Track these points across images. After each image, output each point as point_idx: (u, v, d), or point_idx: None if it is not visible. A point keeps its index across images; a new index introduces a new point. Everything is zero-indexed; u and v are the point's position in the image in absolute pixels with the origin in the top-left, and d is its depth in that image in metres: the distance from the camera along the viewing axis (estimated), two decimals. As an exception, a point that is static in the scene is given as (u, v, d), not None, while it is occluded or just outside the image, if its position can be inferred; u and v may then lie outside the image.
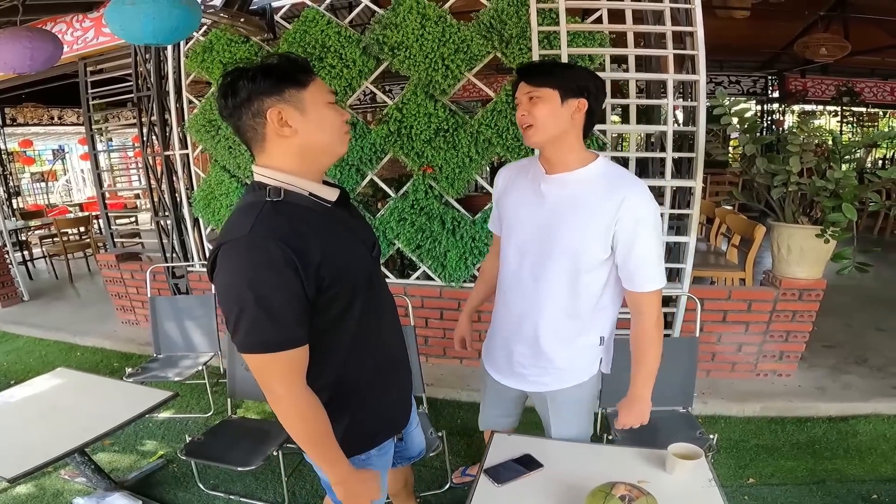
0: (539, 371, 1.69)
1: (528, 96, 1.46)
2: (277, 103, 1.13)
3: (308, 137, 1.17)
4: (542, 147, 1.52)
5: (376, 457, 1.43)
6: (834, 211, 2.80)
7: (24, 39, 2.80)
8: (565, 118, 1.46)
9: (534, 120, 1.46)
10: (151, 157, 4.16)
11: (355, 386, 1.32)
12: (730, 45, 6.84)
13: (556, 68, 1.52)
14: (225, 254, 1.09)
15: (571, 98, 1.45)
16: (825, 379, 3.23)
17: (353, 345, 1.28)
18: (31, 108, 9.18)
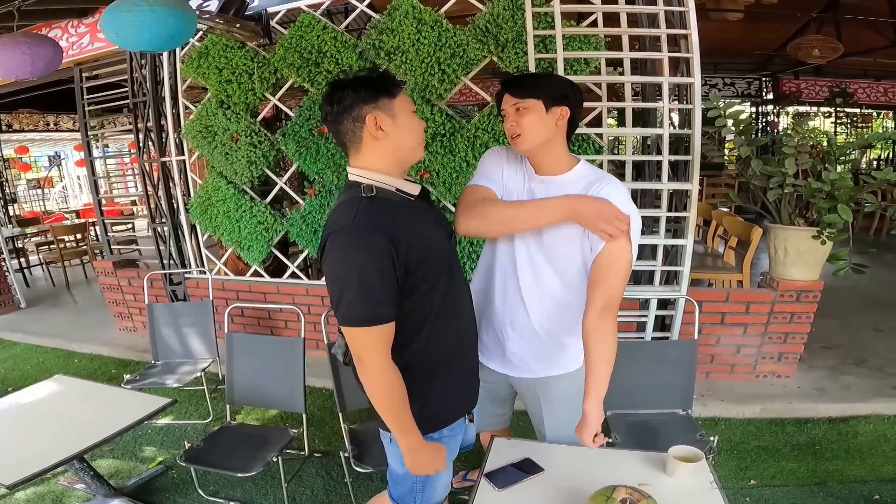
0: (531, 357, 1.72)
1: (515, 107, 1.56)
2: (374, 110, 1.30)
3: (397, 140, 1.33)
4: (532, 153, 1.61)
5: (448, 437, 1.50)
6: (830, 212, 2.81)
7: (24, 45, 2.80)
8: (551, 125, 1.56)
9: (522, 129, 1.55)
10: (148, 163, 4.15)
11: (435, 365, 1.43)
12: (724, 48, 6.88)
13: (538, 80, 1.65)
14: (332, 241, 1.26)
15: (555, 106, 1.55)
16: (824, 380, 3.24)
17: (435, 325, 1.40)
18: (26, 114, 9.17)
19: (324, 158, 3.46)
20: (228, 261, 4.13)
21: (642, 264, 3.09)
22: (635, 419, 2.36)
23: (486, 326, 1.76)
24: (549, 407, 1.77)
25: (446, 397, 1.48)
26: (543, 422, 1.79)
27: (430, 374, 1.42)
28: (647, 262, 3.08)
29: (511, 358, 1.74)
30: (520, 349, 1.71)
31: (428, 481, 1.52)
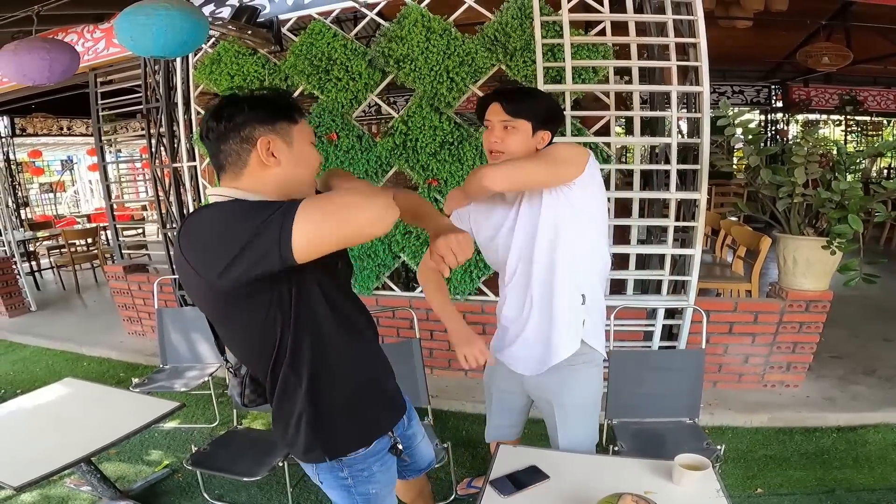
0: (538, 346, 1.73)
1: (504, 125, 1.56)
2: (269, 133, 1.19)
3: (289, 171, 1.22)
4: None
5: (379, 472, 1.45)
6: (840, 222, 2.80)
7: (43, 51, 2.83)
8: (531, 149, 1.59)
9: (506, 148, 1.57)
10: (160, 168, 4.19)
11: (332, 388, 1.34)
12: (733, 55, 6.87)
13: (531, 98, 1.61)
14: (184, 233, 1.12)
15: (541, 130, 1.58)
16: (833, 389, 3.22)
17: (323, 348, 1.30)
18: (40, 118, 9.27)
19: (332, 166, 3.48)
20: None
21: (650, 274, 3.09)
22: (641, 427, 2.36)
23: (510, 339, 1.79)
24: (562, 413, 1.77)
25: (352, 421, 1.39)
26: (556, 425, 1.80)
27: (331, 400, 1.34)
28: (655, 271, 3.08)
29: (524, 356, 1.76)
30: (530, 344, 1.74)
31: None
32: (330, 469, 1.40)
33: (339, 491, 1.44)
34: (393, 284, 3.65)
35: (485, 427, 2.04)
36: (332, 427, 1.37)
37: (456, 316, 1.82)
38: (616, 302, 2.80)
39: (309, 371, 1.29)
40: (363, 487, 1.43)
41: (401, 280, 4.01)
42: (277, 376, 1.30)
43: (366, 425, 1.43)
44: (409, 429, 1.62)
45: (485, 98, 1.62)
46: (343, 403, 1.37)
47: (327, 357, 1.32)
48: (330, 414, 1.35)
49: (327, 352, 1.32)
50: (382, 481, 1.46)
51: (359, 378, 1.42)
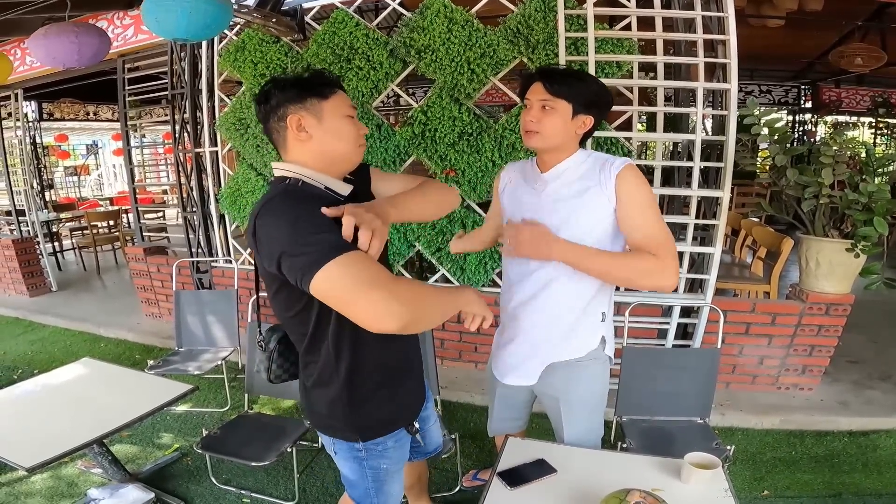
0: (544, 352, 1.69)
1: (542, 104, 1.51)
2: (299, 111, 1.27)
3: (324, 143, 1.29)
4: (540, 151, 1.60)
5: (393, 448, 1.47)
6: (865, 225, 2.74)
7: (72, 34, 2.87)
8: (570, 132, 1.53)
9: (541, 129, 1.51)
10: (182, 153, 4.24)
11: (369, 373, 1.38)
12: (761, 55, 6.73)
13: (575, 80, 1.51)
14: (262, 215, 1.18)
15: (582, 114, 1.51)
16: (848, 394, 3.17)
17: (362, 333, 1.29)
18: (67, 103, 9.42)
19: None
20: (254, 252, 4.19)
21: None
22: (651, 425, 2.34)
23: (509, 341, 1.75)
24: (568, 409, 1.74)
25: (388, 405, 1.43)
26: (562, 419, 1.76)
27: (366, 383, 1.38)
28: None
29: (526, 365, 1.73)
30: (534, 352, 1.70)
31: (381, 486, 1.50)
32: (347, 443, 1.44)
33: (350, 463, 1.48)
34: (406, 273, 3.66)
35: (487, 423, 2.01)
36: (369, 411, 1.40)
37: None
38: (631, 298, 2.78)
39: (350, 354, 1.34)
40: (375, 462, 1.46)
41: (415, 269, 4.01)
42: (317, 353, 1.35)
43: (399, 410, 1.48)
44: (424, 410, 1.65)
45: (529, 76, 1.56)
46: (381, 388, 1.41)
47: (369, 341, 1.34)
48: (368, 398, 1.39)
49: (369, 336, 1.30)
50: (394, 458, 1.49)
51: (398, 364, 1.46)
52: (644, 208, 1.48)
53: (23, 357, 4.21)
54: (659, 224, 1.48)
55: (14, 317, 5.26)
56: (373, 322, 1.05)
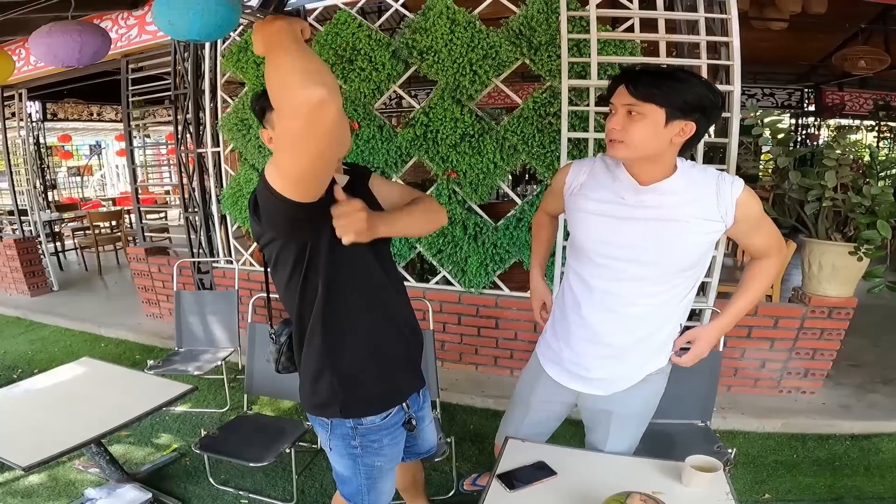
0: (617, 373, 1.60)
1: (628, 109, 1.32)
2: (266, 124, 1.38)
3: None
4: (629, 163, 1.42)
5: (389, 446, 1.48)
6: (868, 228, 2.73)
7: (75, 33, 2.86)
8: (664, 141, 1.33)
9: (627, 138, 1.33)
10: (184, 153, 4.25)
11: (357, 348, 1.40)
12: (765, 57, 6.71)
13: (668, 81, 1.30)
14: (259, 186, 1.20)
15: (678, 119, 1.30)
16: (850, 397, 3.16)
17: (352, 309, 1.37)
18: (72, 103, 9.44)
19: (353, 156, 3.48)
20: (255, 252, 4.19)
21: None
22: (652, 428, 2.26)
23: (571, 351, 1.63)
24: (619, 422, 1.66)
25: (372, 383, 1.43)
26: (610, 432, 1.67)
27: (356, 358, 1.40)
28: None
29: (594, 377, 1.61)
30: (608, 369, 1.59)
31: (374, 483, 1.52)
32: (343, 436, 1.45)
33: (345, 459, 1.49)
34: (408, 275, 3.65)
35: (494, 423, 1.97)
36: (355, 384, 1.41)
37: (539, 273, 1.88)
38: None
39: (337, 327, 1.37)
40: (370, 458, 1.47)
41: (416, 271, 4.00)
42: (304, 328, 1.39)
43: (387, 392, 1.47)
44: (421, 409, 1.65)
45: (614, 79, 1.37)
46: (369, 366, 1.42)
47: (358, 318, 1.38)
48: (354, 374, 1.41)
49: (358, 313, 1.39)
50: (389, 455, 1.51)
51: (389, 344, 1.46)
52: (763, 223, 1.46)
53: (23, 356, 4.21)
54: (773, 228, 1.49)
55: (15, 316, 5.26)
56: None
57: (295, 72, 0.94)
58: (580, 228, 1.53)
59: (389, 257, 1.53)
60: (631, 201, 1.43)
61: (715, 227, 1.40)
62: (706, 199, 1.38)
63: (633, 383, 1.61)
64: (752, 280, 1.55)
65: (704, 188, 1.39)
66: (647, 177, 1.40)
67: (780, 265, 1.55)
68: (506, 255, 3.25)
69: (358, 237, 1.20)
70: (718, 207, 1.38)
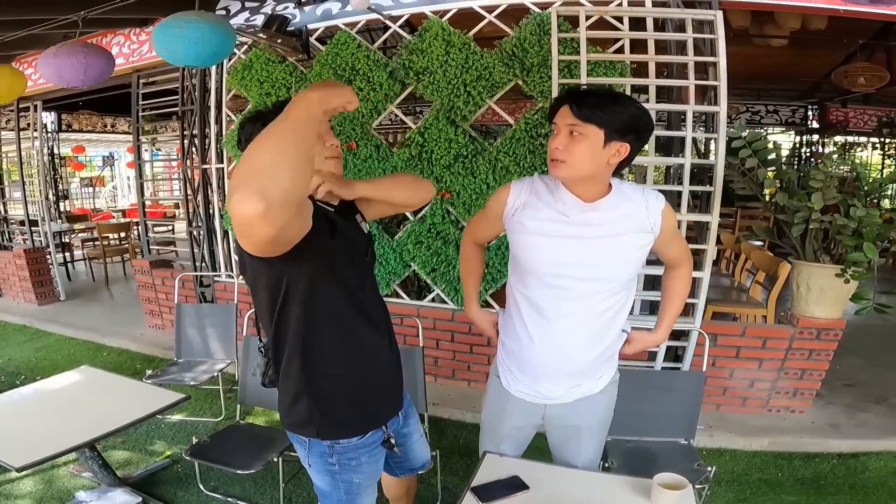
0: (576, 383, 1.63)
1: (570, 130, 1.36)
2: None
3: None
4: (569, 182, 1.45)
5: (367, 464, 1.51)
6: (855, 250, 2.75)
7: (81, 55, 2.98)
8: (601, 162, 1.38)
9: (569, 158, 1.37)
10: (190, 169, 4.35)
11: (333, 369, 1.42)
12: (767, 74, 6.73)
13: (609, 103, 1.37)
14: None
15: (615, 141, 1.35)
16: (840, 416, 3.16)
17: (328, 345, 1.39)
18: (86, 115, 9.62)
19: (350, 174, 3.56)
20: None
21: (656, 295, 3.06)
22: (635, 446, 2.35)
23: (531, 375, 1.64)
24: (588, 434, 1.72)
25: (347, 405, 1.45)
26: (580, 450, 1.73)
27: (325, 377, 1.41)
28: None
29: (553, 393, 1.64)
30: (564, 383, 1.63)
31: (353, 499, 1.53)
32: (321, 454, 1.47)
33: (324, 475, 1.51)
34: (403, 293, 3.71)
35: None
36: (333, 410, 1.43)
37: (478, 306, 1.93)
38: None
39: (312, 359, 1.39)
40: (348, 476, 1.49)
41: (414, 289, 4.06)
42: (284, 345, 1.40)
43: (366, 416, 1.49)
44: (405, 426, 1.68)
45: (557, 99, 1.42)
46: (348, 390, 1.44)
47: (336, 350, 1.40)
48: (333, 397, 1.43)
49: (334, 336, 1.40)
50: (367, 472, 1.52)
51: (368, 369, 1.48)
52: (677, 233, 1.63)
53: (26, 363, 4.31)
54: (683, 239, 1.82)
55: (21, 324, 5.38)
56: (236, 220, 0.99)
57: (256, 168, 0.94)
58: (527, 250, 1.53)
59: (373, 291, 1.55)
60: (576, 220, 1.46)
61: (648, 238, 1.50)
62: (639, 213, 1.47)
63: (595, 392, 1.65)
64: (675, 290, 1.72)
65: (636, 203, 1.47)
66: (588, 195, 1.45)
67: (690, 271, 1.71)
68: (497, 274, 3.29)
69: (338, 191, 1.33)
70: (648, 220, 1.48)
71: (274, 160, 0.94)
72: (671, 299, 1.73)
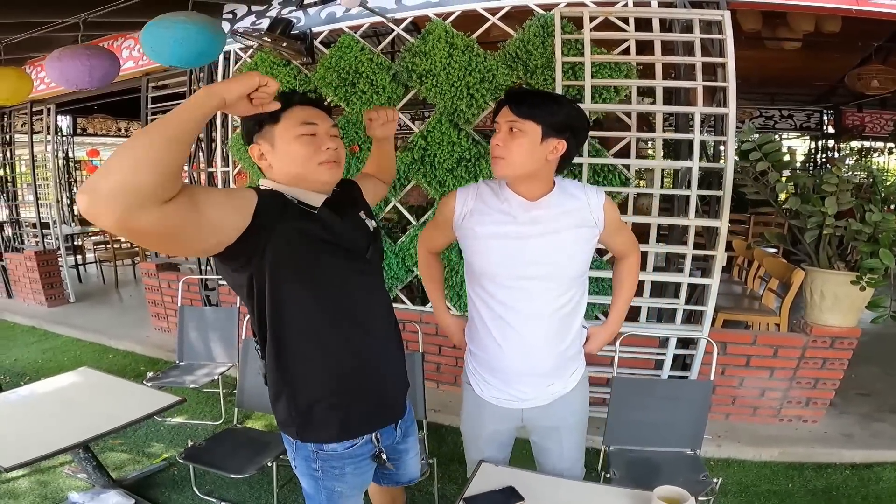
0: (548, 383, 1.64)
1: (510, 126, 1.42)
2: (258, 139, 1.33)
3: (280, 168, 1.33)
4: (510, 181, 1.50)
5: (351, 475, 1.46)
6: (871, 256, 2.67)
7: (84, 57, 3.00)
8: (539, 158, 1.43)
9: (508, 154, 1.42)
10: (196, 172, 4.36)
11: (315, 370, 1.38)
12: (781, 78, 6.63)
13: (545, 102, 1.44)
14: None
15: (552, 137, 1.41)
16: (854, 426, 3.07)
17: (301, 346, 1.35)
18: (100, 118, 9.74)
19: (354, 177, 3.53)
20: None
21: (663, 302, 3.00)
22: (638, 456, 2.28)
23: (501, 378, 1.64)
24: (569, 434, 1.73)
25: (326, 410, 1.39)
26: (563, 450, 1.73)
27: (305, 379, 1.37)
28: (670, 299, 2.99)
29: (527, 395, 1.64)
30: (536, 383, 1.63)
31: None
32: (305, 457, 1.44)
33: (307, 479, 1.49)
34: (405, 298, 3.67)
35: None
36: (308, 412, 1.39)
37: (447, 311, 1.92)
38: (625, 329, 2.71)
39: (287, 359, 1.35)
40: (330, 483, 1.46)
41: (418, 294, 4.02)
42: (265, 348, 1.37)
43: (345, 422, 1.42)
44: (403, 443, 1.62)
45: (499, 101, 1.48)
46: (323, 397, 1.39)
47: (311, 351, 1.35)
48: (308, 403, 1.38)
49: (309, 348, 1.35)
50: (351, 483, 1.48)
51: (352, 372, 1.41)
52: (622, 225, 1.68)
53: (33, 364, 4.34)
54: (630, 230, 1.75)
55: (30, 325, 5.43)
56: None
57: (116, 158, 0.93)
58: (481, 255, 1.56)
59: (368, 290, 1.47)
60: (522, 218, 1.49)
61: (593, 232, 1.56)
62: (582, 209, 1.53)
63: (568, 390, 1.67)
64: (624, 280, 1.78)
65: (578, 200, 1.53)
66: (532, 194, 1.50)
67: (638, 261, 1.78)
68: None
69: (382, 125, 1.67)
70: (591, 215, 1.54)
71: (122, 154, 0.93)
72: (620, 289, 1.78)
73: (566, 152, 1.45)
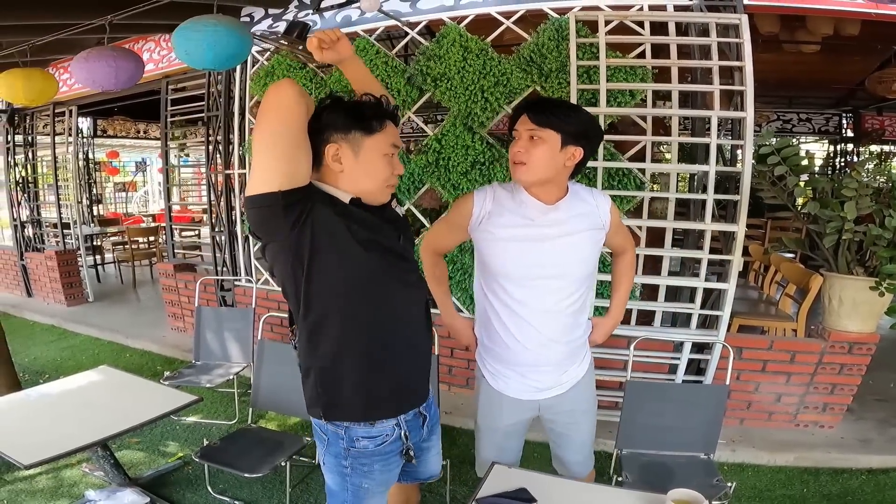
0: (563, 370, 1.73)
1: (530, 134, 1.50)
2: (340, 140, 1.32)
3: (353, 177, 1.34)
4: (530, 186, 1.57)
5: (379, 472, 1.48)
6: (891, 262, 2.63)
7: (110, 59, 3.06)
8: (558, 164, 1.52)
9: (529, 159, 1.50)
10: (214, 174, 4.41)
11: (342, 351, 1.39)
12: (798, 81, 6.56)
13: (562, 110, 1.53)
14: None
15: (570, 145, 1.50)
16: (871, 431, 3.03)
17: (350, 317, 1.37)
18: (120, 120, 9.87)
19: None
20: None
21: (678, 307, 2.99)
22: (651, 460, 2.27)
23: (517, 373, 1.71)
24: (584, 417, 1.83)
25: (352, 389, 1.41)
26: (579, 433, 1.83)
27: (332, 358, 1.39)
28: (685, 304, 2.97)
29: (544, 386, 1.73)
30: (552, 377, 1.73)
31: (359, 502, 1.50)
32: (336, 454, 1.46)
33: (335, 475, 1.50)
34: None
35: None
36: (335, 389, 1.41)
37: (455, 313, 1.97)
38: (639, 333, 2.71)
39: (316, 331, 1.37)
40: (357, 480, 1.47)
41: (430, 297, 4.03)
42: (299, 328, 1.40)
43: (369, 402, 1.44)
44: (427, 440, 1.64)
45: (516, 109, 1.58)
46: (349, 373, 1.41)
47: (340, 325, 1.37)
48: (334, 377, 1.41)
49: (338, 321, 1.37)
50: (378, 480, 1.50)
51: (378, 353, 1.43)
52: (622, 224, 1.81)
53: (52, 363, 4.41)
54: (626, 228, 1.88)
55: (50, 324, 5.52)
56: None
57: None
58: (499, 256, 1.62)
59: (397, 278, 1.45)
60: (540, 221, 1.57)
61: (601, 234, 1.67)
62: (592, 212, 1.63)
63: (581, 375, 1.77)
64: (622, 273, 1.88)
65: (588, 203, 1.63)
66: (548, 198, 1.58)
67: (634, 255, 1.88)
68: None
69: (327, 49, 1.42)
70: (600, 217, 1.65)
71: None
72: (619, 282, 1.90)
73: (582, 158, 1.54)
